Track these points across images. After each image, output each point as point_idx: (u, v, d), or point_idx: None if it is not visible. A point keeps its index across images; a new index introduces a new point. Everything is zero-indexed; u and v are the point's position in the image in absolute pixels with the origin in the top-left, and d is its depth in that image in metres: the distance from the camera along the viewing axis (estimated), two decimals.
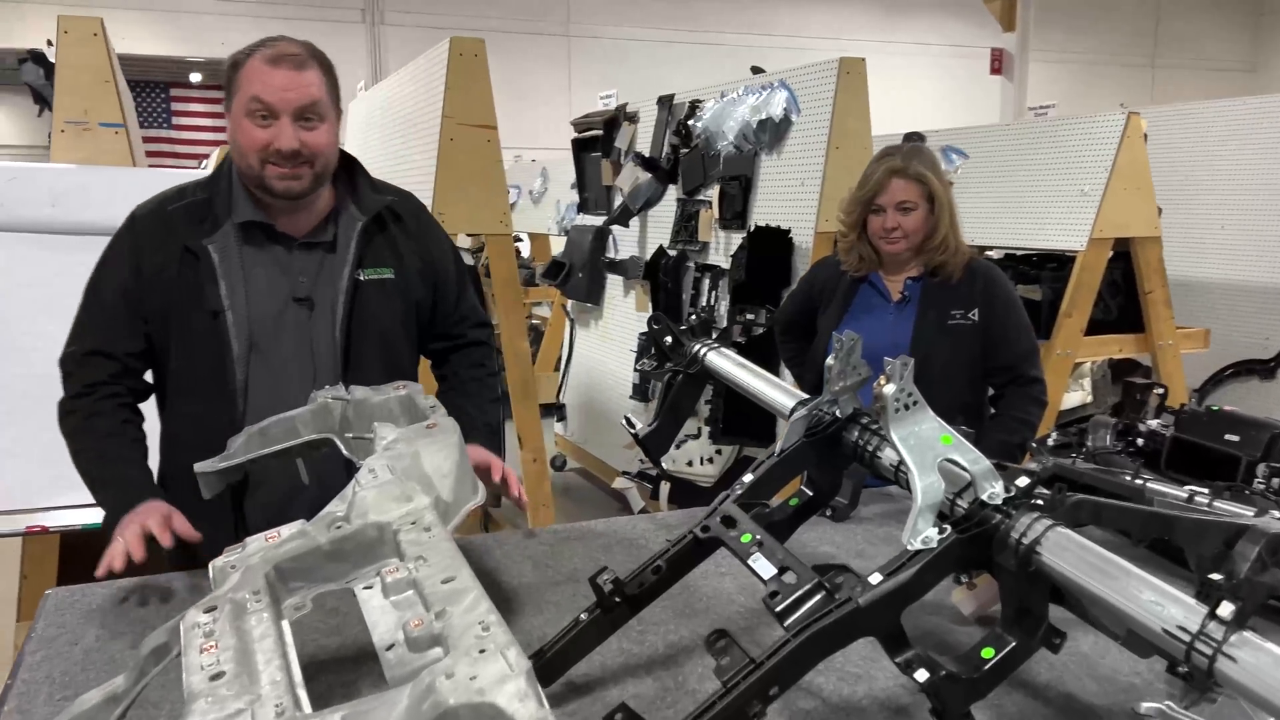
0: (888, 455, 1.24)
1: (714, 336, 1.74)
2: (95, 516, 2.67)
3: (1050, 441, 2.25)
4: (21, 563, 3.09)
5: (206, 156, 8.17)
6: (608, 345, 5.47)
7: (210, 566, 1.15)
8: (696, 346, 1.73)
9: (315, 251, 1.91)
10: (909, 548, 1.08)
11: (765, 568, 1.14)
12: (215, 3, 13.61)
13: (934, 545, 1.07)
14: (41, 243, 2.87)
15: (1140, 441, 2.12)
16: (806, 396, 1.41)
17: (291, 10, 13.68)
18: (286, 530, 1.21)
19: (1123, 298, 4.56)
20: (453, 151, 3.33)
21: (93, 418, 1.80)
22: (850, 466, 1.37)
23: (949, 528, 1.09)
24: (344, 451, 1.51)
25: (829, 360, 1.27)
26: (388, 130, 4.44)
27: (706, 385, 1.77)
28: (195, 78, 15.72)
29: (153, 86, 15.94)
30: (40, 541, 3.01)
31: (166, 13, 13.61)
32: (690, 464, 4.49)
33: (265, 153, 1.78)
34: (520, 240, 10.10)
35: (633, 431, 1.76)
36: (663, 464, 4.71)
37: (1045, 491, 1.30)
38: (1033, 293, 4.52)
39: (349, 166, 1.99)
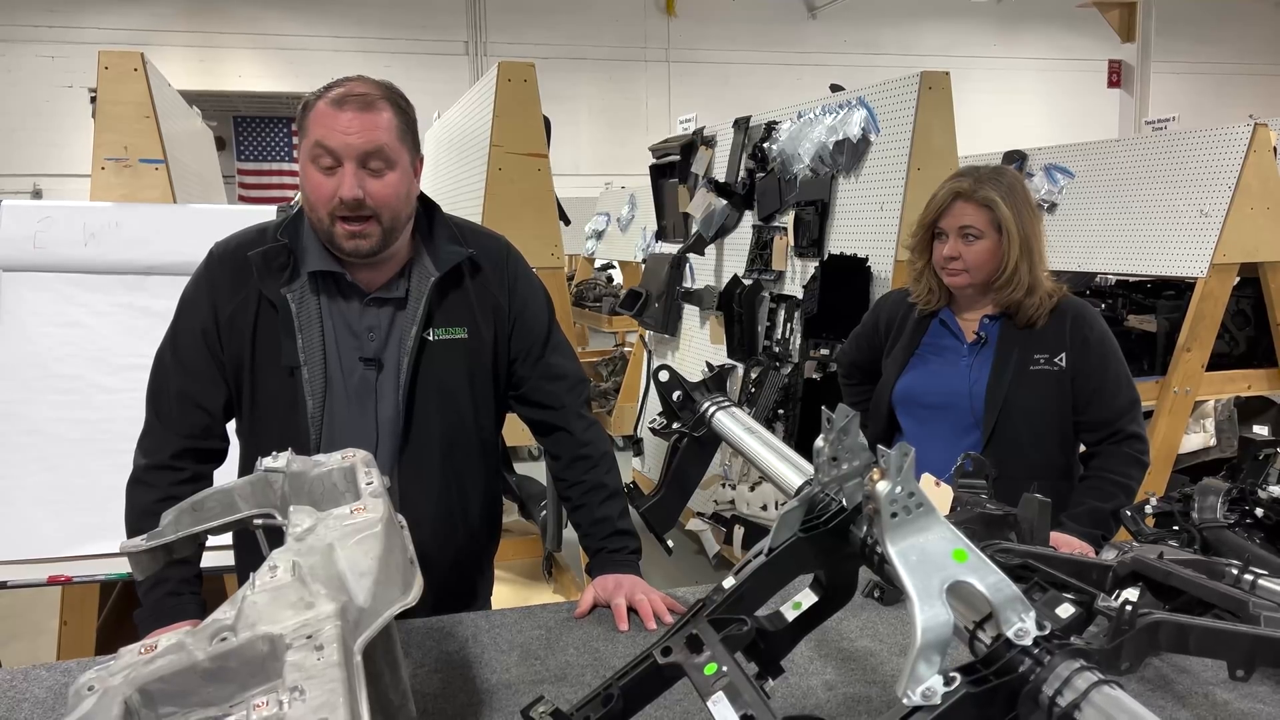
0: None
1: (787, 371, 1.49)
2: (122, 567, 2.55)
3: (1149, 509, 1.92)
4: (60, 609, 3.02)
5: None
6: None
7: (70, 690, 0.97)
8: (706, 405, 1.49)
9: (386, 308, 1.75)
10: (905, 701, 0.82)
11: (725, 714, 0.89)
12: (325, 39, 13.98)
13: (937, 700, 0.81)
14: (76, 282, 2.80)
15: (1260, 512, 1.79)
16: (814, 476, 1.15)
17: (397, 45, 13.94)
18: (165, 640, 1.02)
19: (1252, 329, 4.11)
20: (501, 181, 3.16)
21: (166, 501, 1.63)
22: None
23: (958, 676, 0.82)
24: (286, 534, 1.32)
25: (817, 441, 1.01)
26: (443, 160, 4.33)
27: (718, 448, 1.53)
28: None
29: (274, 122, 16.54)
30: (79, 587, 2.93)
31: (279, 50, 14.05)
32: (765, 507, 4.21)
33: (332, 205, 1.63)
34: (613, 268, 9.99)
35: (633, 504, 1.53)
36: (737, 507, 4.45)
37: (1111, 609, 1.02)
38: (1147, 324, 4.11)
39: (429, 212, 1.81)
